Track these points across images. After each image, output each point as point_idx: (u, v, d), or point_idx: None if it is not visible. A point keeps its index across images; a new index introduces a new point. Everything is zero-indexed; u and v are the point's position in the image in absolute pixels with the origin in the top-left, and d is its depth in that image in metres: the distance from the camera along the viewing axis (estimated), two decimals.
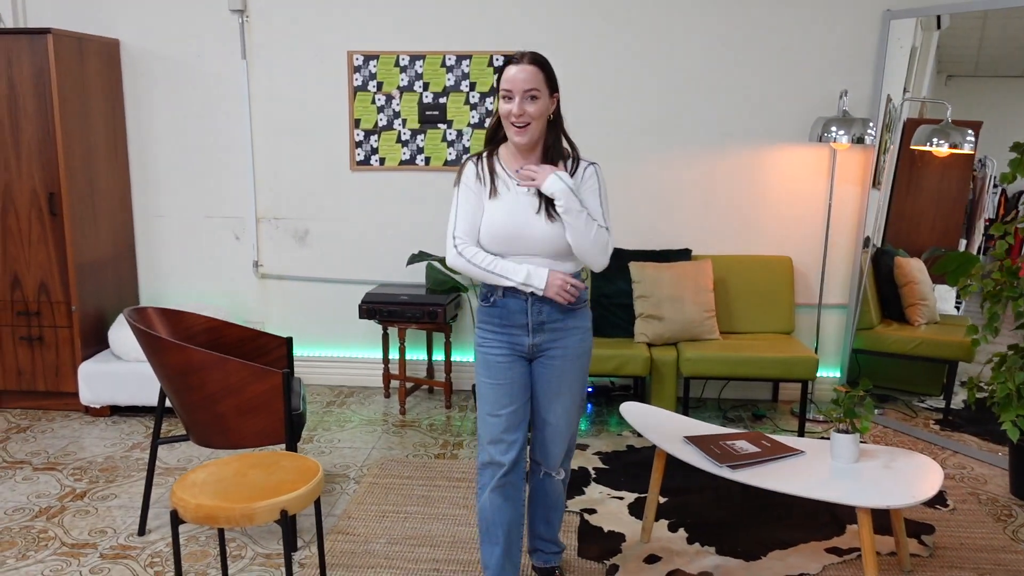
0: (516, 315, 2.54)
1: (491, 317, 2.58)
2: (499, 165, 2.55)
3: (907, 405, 4.80)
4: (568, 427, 2.67)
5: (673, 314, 4.39)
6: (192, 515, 2.39)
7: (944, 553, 3.13)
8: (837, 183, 4.65)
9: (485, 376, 2.58)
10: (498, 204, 2.50)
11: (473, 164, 2.57)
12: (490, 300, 2.57)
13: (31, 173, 4.35)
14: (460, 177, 2.57)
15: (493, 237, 2.50)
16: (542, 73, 2.44)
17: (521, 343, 2.56)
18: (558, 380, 2.60)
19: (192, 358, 2.93)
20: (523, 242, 2.48)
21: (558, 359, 2.59)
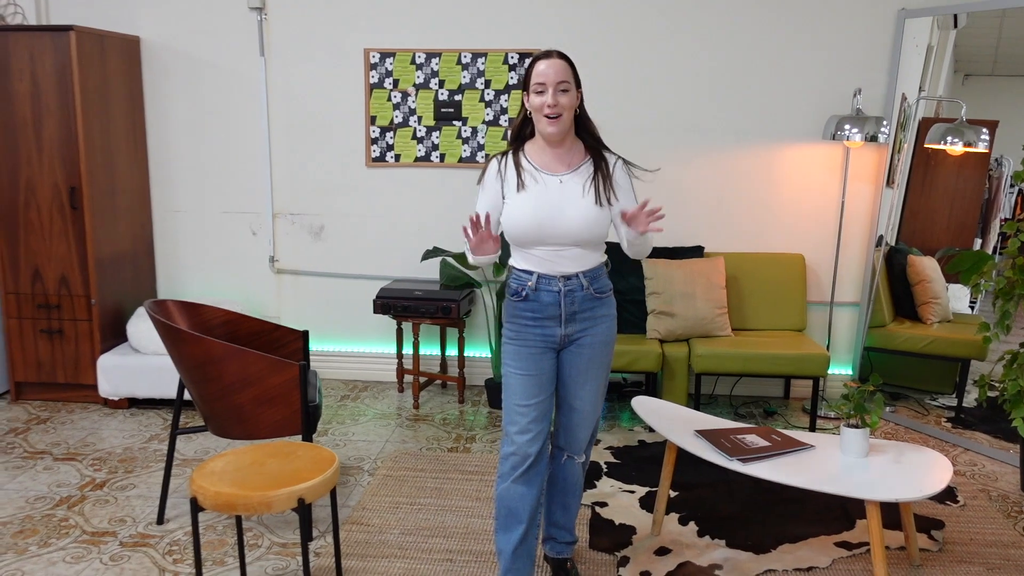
0: (549, 307, 2.58)
1: (523, 311, 2.60)
2: (525, 160, 2.59)
3: (919, 403, 4.81)
4: (594, 412, 2.73)
5: (685, 311, 4.42)
6: (211, 502, 2.44)
7: (953, 548, 3.15)
8: (850, 181, 4.66)
9: (515, 368, 2.60)
10: (525, 197, 2.54)
11: (496, 162, 2.62)
12: (522, 294, 2.59)
13: (53, 168, 4.42)
14: (482, 176, 2.64)
15: (522, 229, 2.53)
16: (570, 67, 2.53)
17: (553, 334, 2.60)
18: (587, 367, 2.65)
19: (211, 349, 2.99)
20: (553, 233, 2.52)
21: (587, 347, 2.64)
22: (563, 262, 2.56)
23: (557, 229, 2.52)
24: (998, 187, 4.88)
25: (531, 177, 2.56)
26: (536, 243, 2.55)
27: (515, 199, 2.55)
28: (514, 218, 2.54)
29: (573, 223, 2.52)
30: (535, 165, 2.58)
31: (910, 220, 4.81)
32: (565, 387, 2.69)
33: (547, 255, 2.56)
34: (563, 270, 2.57)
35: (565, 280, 2.57)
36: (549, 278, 2.57)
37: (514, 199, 2.55)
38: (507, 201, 2.57)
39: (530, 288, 2.57)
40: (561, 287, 2.57)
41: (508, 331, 2.63)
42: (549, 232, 2.52)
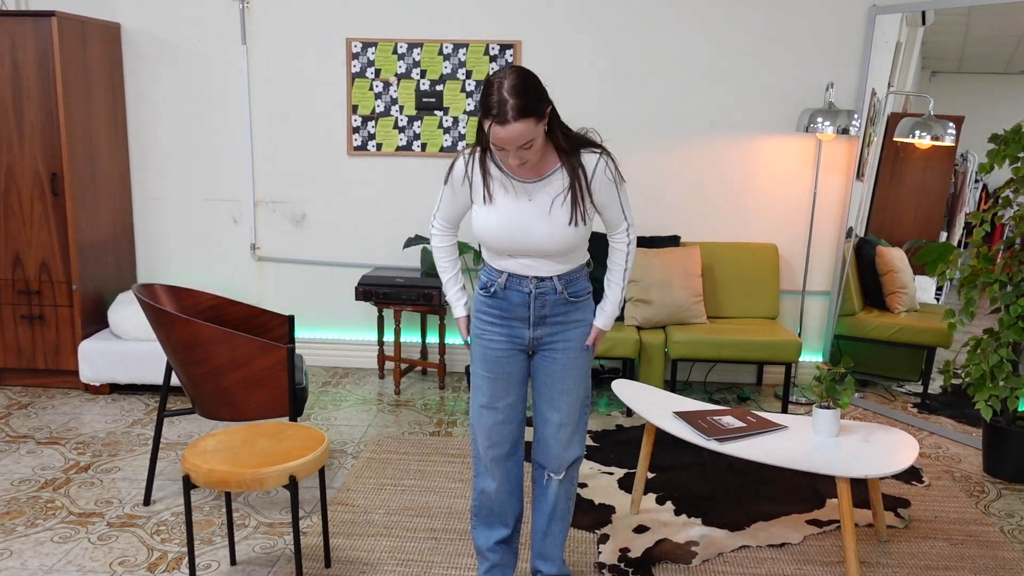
0: (517, 308, 2.44)
1: (490, 308, 2.47)
2: (494, 166, 2.37)
3: (886, 390, 4.95)
4: (573, 425, 2.54)
5: (662, 298, 4.52)
6: (204, 479, 2.49)
7: (919, 525, 3.28)
8: (822, 173, 4.79)
9: (482, 368, 2.50)
10: (494, 210, 2.36)
11: (464, 164, 2.40)
12: (490, 290, 2.46)
13: (34, 154, 4.42)
14: (449, 174, 2.44)
15: (495, 241, 2.38)
16: (531, 119, 2.17)
17: (522, 336, 2.47)
18: (561, 375, 2.50)
19: (199, 332, 3.03)
20: (525, 245, 2.36)
21: (560, 352, 2.49)
22: (538, 266, 2.41)
23: (528, 245, 2.36)
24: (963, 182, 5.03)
25: (500, 186, 2.36)
26: (509, 253, 2.40)
27: (483, 210, 2.38)
28: (482, 228, 2.39)
29: (544, 240, 2.34)
30: (504, 171, 2.36)
31: (879, 212, 4.95)
32: (539, 395, 2.54)
33: (520, 262, 2.42)
34: (536, 273, 2.41)
35: (538, 281, 2.42)
36: (520, 278, 2.42)
37: (482, 210, 2.38)
38: (475, 208, 2.42)
39: (499, 285, 2.44)
40: (532, 288, 2.42)
41: (475, 327, 2.51)
42: (520, 247, 2.37)
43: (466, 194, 2.43)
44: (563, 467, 2.58)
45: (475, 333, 2.52)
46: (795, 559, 3.00)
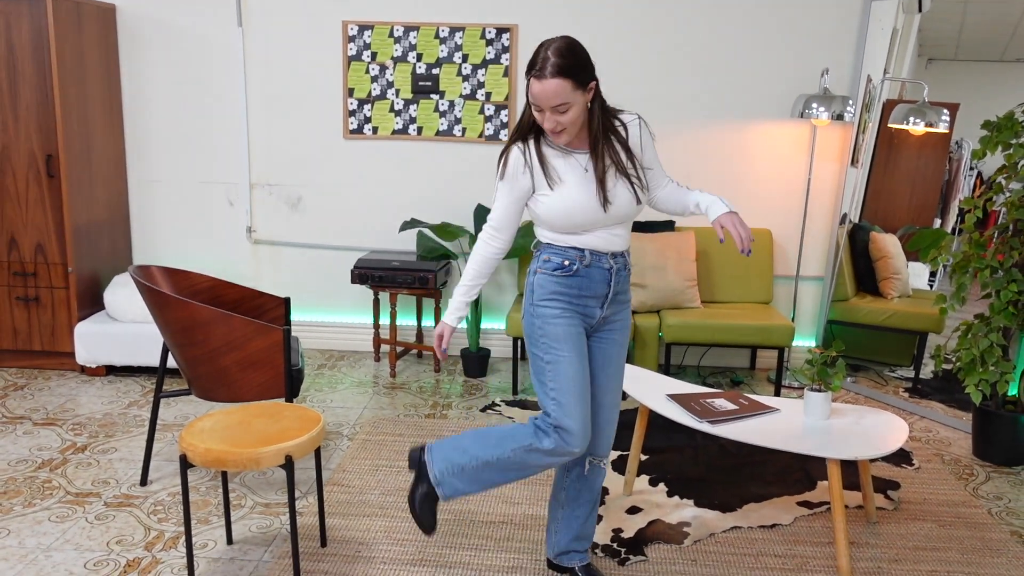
0: (598, 285, 2.42)
1: (566, 287, 2.40)
2: (549, 147, 2.38)
3: (878, 374, 4.99)
4: (618, 407, 2.60)
5: (656, 282, 4.54)
6: (201, 459, 2.52)
7: (908, 507, 3.32)
8: (817, 159, 4.80)
9: (568, 349, 2.38)
10: (566, 188, 2.34)
11: (520, 154, 2.37)
12: (572, 268, 2.40)
13: (29, 135, 4.42)
14: (504, 169, 2.39)
15: (579, 217, 2.34)
16: (569, 81, 2.22)
17: (592, 315, 2.45)
18: (618, 355, 2.54)
19: (196, 314, 3.05)
20: (600, 220, 2.37)
21: (617, 332, 2.52)
22: (615, 240, 2.42)
23: (601, 217, 2.36)
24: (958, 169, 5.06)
25: (565, 166, 2.36)
26: (591, 228, 2.39)
27: (552, 194, 2.35)
28: (557, 211, 2.35)
29: (611, 208, 2.36)
30: (561, 150, 2.37)
31: (873, 199, 4.98)
32: (595, 379, 2.52)
33: (600, 236, 2.40)
34: (614, 247, 2.42)
35: (614, 257, 2.44)
36: (600, 255, 2.41)
37: (550, 194, 2.35)
38: (538, 197, 2.38)
39: (582, 264, 2.40)
40: (612, 264, 2.43)
41: (551, 308, 2.40)
42: (599, 218, 2.36)
43: (527, 185, 2.38)
44: (610, 450, 2.63)
45: (553, 315, 2.41)
46: (786, 540, 3.04)
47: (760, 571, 2.83)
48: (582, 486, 2.64)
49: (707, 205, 2.49)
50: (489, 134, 4.89)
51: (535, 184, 2.37)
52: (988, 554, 2.98)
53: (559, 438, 2.35)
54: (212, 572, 2.77)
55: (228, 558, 2.86)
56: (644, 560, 2.88)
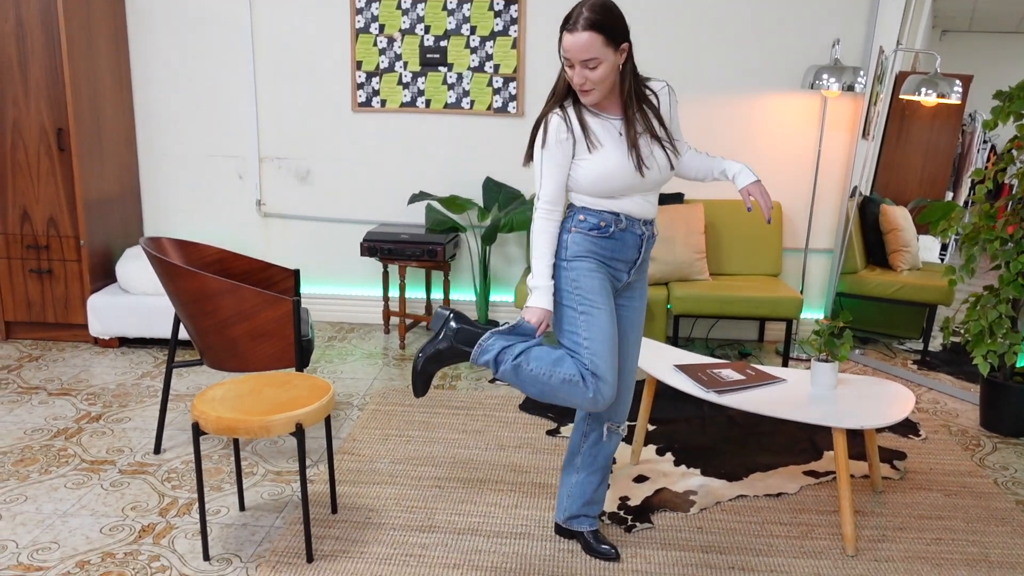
0: (630, 249, 2.47)
1: (600, 248, 2.42)
2: (588, 113, 2.39)
3: (887, 347, 5.00)
4: (635, 375, 2.64)
5: (665, 255, 4.55)
6: (213, 426, 2.55)
7: (914, 477, 3.34)
8: (827, 131, 4.78)
9: (602, 302, 2.40)
10: (605, 154, 2.36)
11: (560, 120, 2.36)
12: (608, 231, 2.42)
13: (39, 109, 4.44)
14: (546, 137, 2.37)
15: (618, 180, 2.36)
16: (600, 36, 2.24)
17: (619, 279, 2.49)
18: (638, 322, 2.59)
19: (207, 285, 3.08)
20: (636, 185, 2.40)
21: (637, 299, 2.58)
22: (648, 207, 2.46)
23: (640, 182, 2.40)
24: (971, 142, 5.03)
25: (603, 130, 2.38)
26: (627, 193, 2.41)
27: (591, 158, 2.36)
28: (597, 175, 2.36)
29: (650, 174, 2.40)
30: (599, 114, 2.40)
31: (885, 171, 4.96)
32: (619, 348, 2.53)
33: (636, 201, 2.43)
34: (647, 214, 2.47)
35: (646, 224, 2.48)
36: (634, 220, 2.45)
37: (589, 158, 2.37)
38: (578, 162, 2.38)
39: (617, 227, 2.42)
40: (644, 231, 2.48)
41: (584, 264, 2.41)
42: (636, 183, 2.39)
43: (569, 151, 2.37)
44: (626, 417, 2.67)
45: (581, 269, 2.41)
46: (791, 508, 3.06)
47: (765, 538, 2.86)
48: (598, 452, 2.69)
49: (735, 173, 2.56)
50: (498, 107, 4.88)
51: (576, 149, 2.38)
52: (993, 523, 3.00)
53: (595, 386, 2.36)
54: (225, 537, 2.82)
55: (240, 524, 2.91)
56: (650, 527, 2.91)
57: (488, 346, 2.44)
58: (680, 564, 2.70)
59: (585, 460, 2.70)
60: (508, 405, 3.96)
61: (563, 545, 2.79)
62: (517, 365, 2.40)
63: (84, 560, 2.67)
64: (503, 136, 4.93)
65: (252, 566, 2.66)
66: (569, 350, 2.41)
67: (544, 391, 2.41)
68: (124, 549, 2.74)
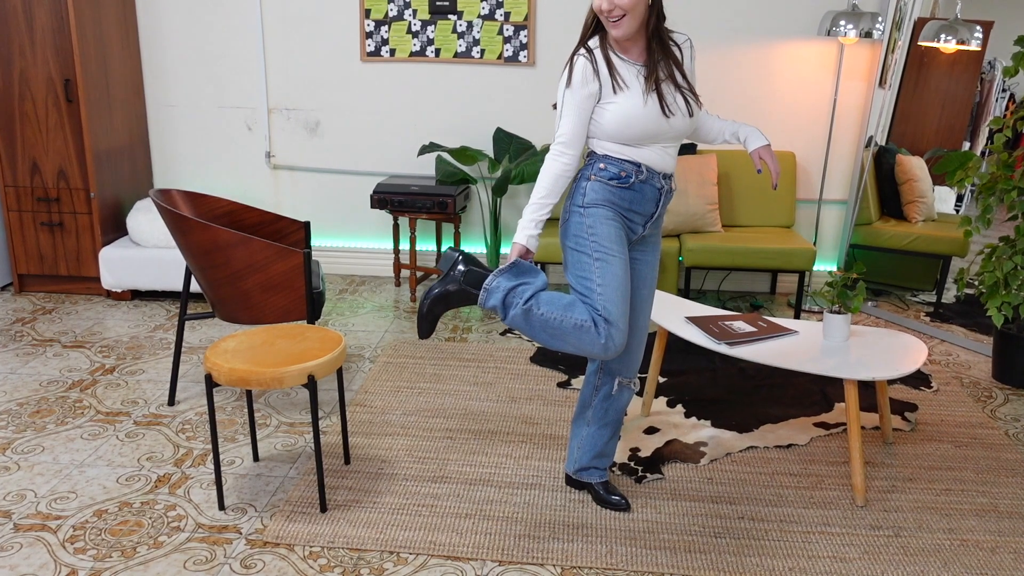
0: (648, 203, 2.44)
1: (618, 198, 2.40)
2: (615, 55, 2.35)
3: (900, 299, 4.97)
4: (647, 330, 2.64)
5: (677, 206, 4.51)
6: (226, 378, 2.57)
7: (925, 428, 3.34)
8: (843, 79, 4.70)
9: (618, 250, 2.37)
10: (630, 98, 2.33)
11: (587, 61, 2.33)
12: (628, 181, 2.39)
13: (46, 59, 4.40)
14: (571, 78, 2.33)
15: (641, 125, 2.33)
16: None
17: (634, 232, 2.47)
18: (651, 276, 2.58)
19: (218, 237, 3.07)
20: (660, 132, 2.37)
21: (650, 253, 2.56)
22: (668, 160, 2.43)
23: (663, 130, 2.36)
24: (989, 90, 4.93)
25: (629, 73, 2.35)
26: (649, 141, 2.38)
27: (617, 100, 2.33)
28: (621, 119, 2.33)
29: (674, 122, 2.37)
30: (623, 56, 2.36)
31: (901, 121, 4.87)
32: (632, 303, 2.53)
33: (657, 152, 2.40)
34: (667, 167, 2.44)
35: (665, 178, 2.45)
36: (654, 172, 2.41)
37: (615, 101, 2.33)
38: (603, 105, 2.34)
39: (638, 178, 2.39)
40: (663, 184, 2.45)
41: (601, 212, 2.38)
42: (661, 129, 2.36)
43: (595, 91, 2.33)
44: (637, 372, 2.67)
45: (598, 216, 2.38)
46: (801, 459, 3.08)
47: (775, 489, 2.88)
48: (609, 406, 2.69)
49: (746, 135, 2.57)
50: (508, 56, 4.81)
51: (602, 92, 2.34)
52: (1003, 473, 3.01)
53: (607, 331, 2.32)
54: (240, 487, 2.86)
55: (255, 474, 2.94)
56: (661, 478, 2.93)
57: (493, 288, 2.41)
58: (690, 514, 2.72)
59: (596, 414, 2.71)
60: (519, 358, 3.97)
61: (573, 495, 2.82)
62: (528, 310, 2.37)
63: (102, 509, 2.71)
64: (514, 86, 4.86)
65: (267, 515, 2.70)
66: (581, 295, 2.38)
67: (555, 336, 2.37)
68: (141, 499, 2.78)
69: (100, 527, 2.62)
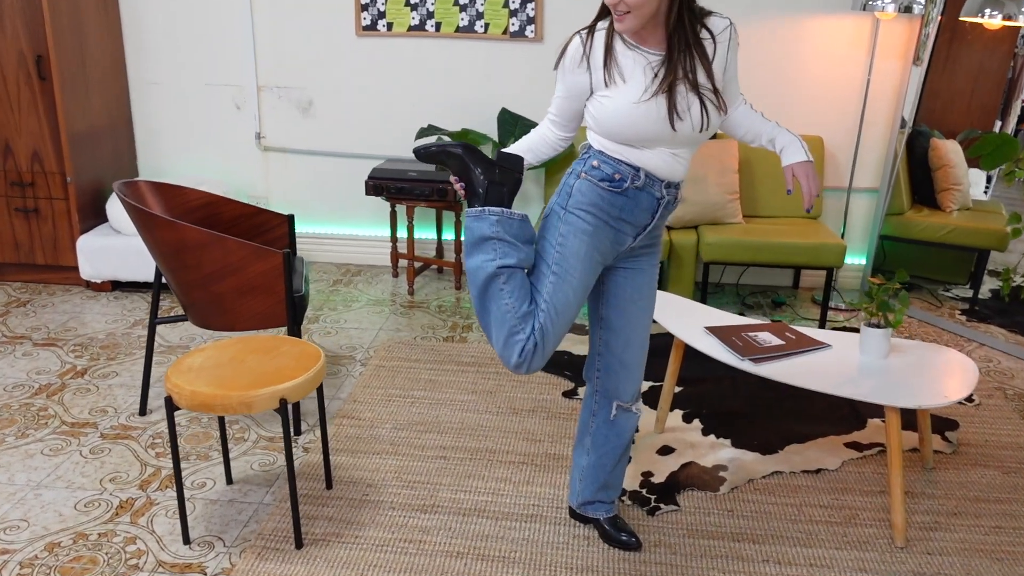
0: (641, 213, 2.11)
1: (608, 204, 2.08)
2: (621, 42, 1.99)
3: (932, 294, 4.63)
4: (647, 348, 2.32)
5: (695, 196, 4.18)
6: (187, 402, 2.28)
7: (968, 450, 3.03)
8: (877, 57, 4.33)
9: (581, 272, 2.09)
10: (625, 94, 1.98)
11: (580, 44, 2.01)
12: (621, 186, 2.06)
13: (16, 33, 4.08)
14: (560, 59, 2.05)
15: (627, 133, 2.01)
16: None
17: (622, 243, 2.14)
18: (649, 288, 2.25)
19: (187, 236, 2.77)
20: (660, 137, 2.02)
21: (645, 263, 2.24)
22: (676, 166, 2.08)
23: (666, 134, 2.01)
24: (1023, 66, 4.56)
25: (632, 62, 1.98)
26: (652, 144, 2.04)
27: (619, 95, 1.99)
28: (628, 118, 1.99)
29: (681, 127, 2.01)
30: (635, 44, 1.99)
31: (930, 100, 4.51)
32: (624, 315, 2.24)
33: (662, 156, 2.06)
34: (673, 175, 2.09)
35: (668, 188, 2.11)
36: (655, 180, 2.08)
37: (606, 95, 2.00)
38: (604, 97, 2.01)
39: (633, 184, 2.06)
40: (664, 195, 2.11)
41: (583, 221, 2.07)
42: (662, 132, 2.01)
43: (582, 81, 2.02)
44: (639, 395, 2.37)
45: (574, 227, 2.08)
46: (832, 487, 2.77)
47: (804, 524, 2.58)
48: (609, 432, 2.38)
49: (783, 145, 2.16)
50: (514, 30, 4.46)
51: (593, 82, 2.02)
52: None
53: (531, 350, 2.08)
54: (209, 515, 2.58)
55: (227, 500, 2.66)
56: (676, 510, 2.63)
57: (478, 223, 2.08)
58: (709, 555, 2.43)
59: (596, 441, 2.40)
60: None
61: (578, 531, 2.53)
62: (494, 276, 2.06)
63: (54, 542, 2.44)
64: (520, 63, 4.51)
65: (236, 551, 2.42)
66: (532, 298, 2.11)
67: (490, 316, 2.11)
68: (98, 529, 2.51)
69: (50, 564, 2.35)
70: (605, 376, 2.32)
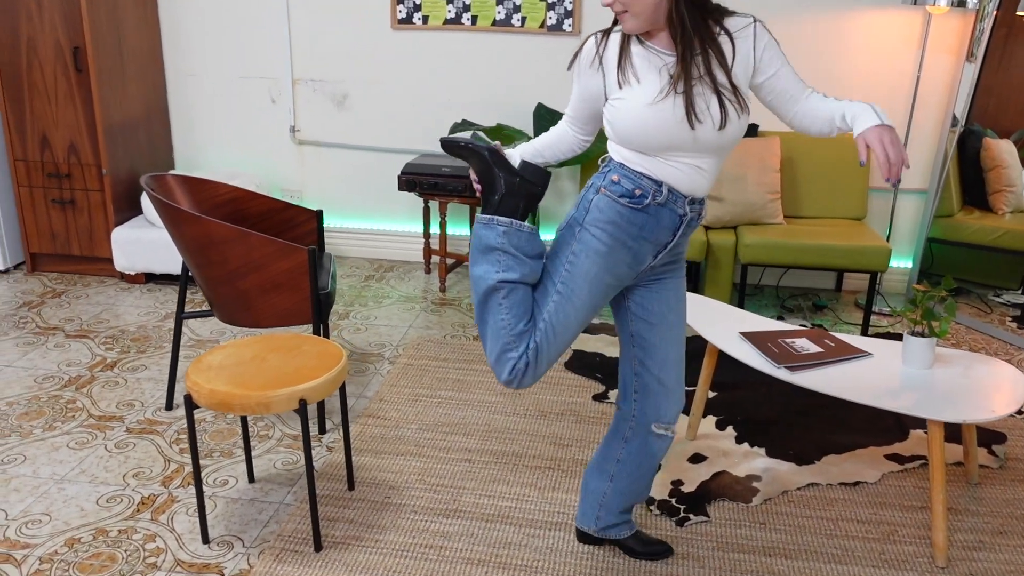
0: (662, 231, 1.99)
1: (627, 221, 1.96)
2: (636, 43, 1.90)
3: (981, 299, 4.46)
4: (684, 363, 2.19)
5: (734, 195, 4.06)
6: (206, 401, 2.25)
7: (1016, 465, 2.89)
8: (928, 53, 4.17)
9: (588, 295, 1.99)
10: (639, 95, 1.87)
11: (593, 45, 1.93)
12: (642, 202, 1.95)
13: (54, 25, 4.10)
14: (573, 59, 1.98)
15: (642, 139, 1.90)
16: None
17: (641, 262, 2.02)
18: (679, 300, 2.13)
19: (212, 231, 2.74)
20: (677, 143, 1.90)
21: (670, 278, 2.11)
22: (699, 179, 1.96)
23: (689, 141, 1.90)
24: None
25: (647, 63, 1.88)
26: (671, 152, 1.92)
27: (632, 97, 1.88)
28: (642, 122, 1.87)
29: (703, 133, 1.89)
30: (650, 44, 1.90)
31: (983, 97, 4.33)
32: (655, 330, 2.11)
33: (685, 168, 1.94)
34: (696, 189, 1.97)
35: (692, 204, 1.99)
36: (678, 196, 1.96)
37: (634, 97, 1.88)
38: (619, 100, 1.90)
39: (655, 200, 1.95)
40: (687, 212, 1.99)
41: (598, 240, 1.97)
42: (687, 139, 1.89)
43: (596, 83, 1.94)
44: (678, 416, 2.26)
45: (589, 246, 1.98)
46: (870, 501, 2.66)
47: (840, 540, 2.48)
48: (643, 458, 2.23)
49: (854, 115, 1.88)
50: (551, 24, 4.37)
51: (606, 84, 1.93)
52: None
53: (523, 368, 2.01)
54: (230, 514, 2.55)
55: (248, 499, 2.63)
56: (706, 521, 2.54)
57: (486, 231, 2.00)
58: (738, 570, 2.34)
59: (625, 469, 2.25)
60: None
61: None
62: (494, 289, 1.99)
63: (75, 537, 2.43)
64: (557, 58, 4.43)
65: (254, 552, 2.39)
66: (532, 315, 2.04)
67: (486, 327, 2.03)
68: (119, 525, 2.49)
69: (69, 560, 2.33)
70: (643, 398, 2.17)
